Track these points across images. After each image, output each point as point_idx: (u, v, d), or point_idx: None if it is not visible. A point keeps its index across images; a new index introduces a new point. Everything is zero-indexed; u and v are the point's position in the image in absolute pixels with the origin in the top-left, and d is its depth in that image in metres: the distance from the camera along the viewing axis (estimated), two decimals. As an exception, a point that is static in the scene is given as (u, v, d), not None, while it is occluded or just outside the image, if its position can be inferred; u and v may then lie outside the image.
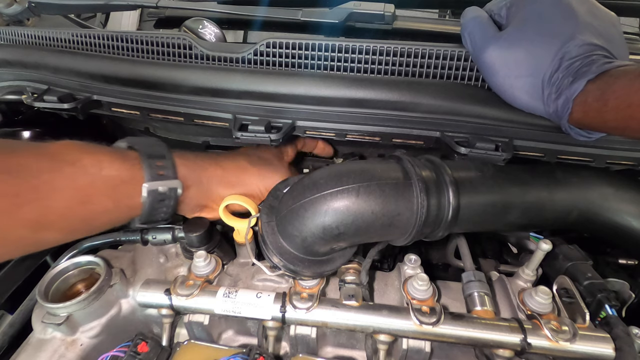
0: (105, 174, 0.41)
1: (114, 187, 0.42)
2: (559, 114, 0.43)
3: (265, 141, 0.50)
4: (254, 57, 0.53)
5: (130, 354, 0.47)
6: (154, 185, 0.44)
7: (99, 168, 0.41)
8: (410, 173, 0.45)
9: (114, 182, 0.42)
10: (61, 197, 0.38)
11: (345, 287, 0.51)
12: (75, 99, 0.57)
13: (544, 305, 0.48)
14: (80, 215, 0.40)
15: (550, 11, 0.44)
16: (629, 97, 0.36)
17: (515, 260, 0.68)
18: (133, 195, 0.43)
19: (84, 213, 0.40)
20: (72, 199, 0.39)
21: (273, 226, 0.49)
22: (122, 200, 0.43)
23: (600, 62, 0.39)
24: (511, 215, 0.49)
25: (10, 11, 0.79)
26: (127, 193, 0.43)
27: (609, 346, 0.45)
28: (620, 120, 0.38)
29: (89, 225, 0.43)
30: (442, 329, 0.47)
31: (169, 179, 0.46)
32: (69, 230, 0.41)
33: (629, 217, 0.50)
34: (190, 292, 0.51)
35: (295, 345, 0.53)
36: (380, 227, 0.44)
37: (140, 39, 0.57)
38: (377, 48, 0.51)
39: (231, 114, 0.53)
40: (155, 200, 0.45)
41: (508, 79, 0.45)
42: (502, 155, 0.47)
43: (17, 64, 0.62)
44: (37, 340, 0.50)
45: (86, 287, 0.53)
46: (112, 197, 0.42)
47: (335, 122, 0.52)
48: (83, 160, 0.40)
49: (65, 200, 0.38)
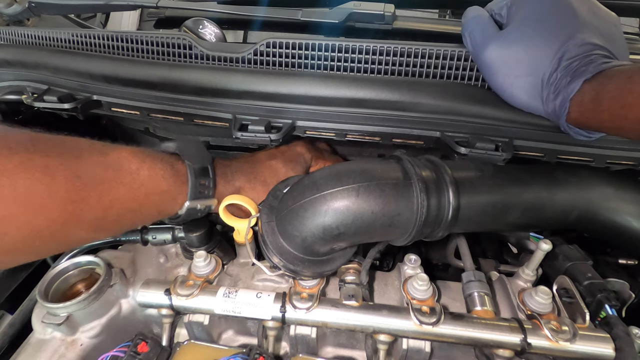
0: (158, 188, 0.44)
1: (162, 202, 0.45)
2: (557, 113, 0.43)
3: (265, 141, 0.50)
4: (254, 57, 0.53)
5: (130, 354, 0.47)
6: (193, 204, 0.48)
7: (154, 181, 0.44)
8: (410, 173, 0.45)
9: (164, 197, 0.45)
10: (119, 205, 0.40)
11: (345, 287, 0.51)
12: (75, 99, 0.57)
13: (544, 305, 0.48)
14: (131, 221, 0.44)
15: (550, 11, 0.44)
16: (622, 97, 0.36)
17: (515, 260, 0.68)
18: (175, 208, 0.47)
19: (133, 220, 0.44)
20: (128, 207, 0.42)
21: (273, 226, 0.49)
22: (165, 211, 0.47)
23: (598, 62, 0.39)
24: (511, 215, 0.49)
25: (10, 11, 0.79)
26: (171, 207, 0.47)
27: (609, 346, 0.45)
28: (614, 121, 0.38)
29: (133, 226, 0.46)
30: (442, 329, 0.47)
31: (207, 198, 0.49)
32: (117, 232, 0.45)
33: (629, 217, 0.50)
34: (190, 292, 0.51)
35: (295, 345, 0.53)
36: (380, 227, 0.44)
37: (140, 39, 0.57)
38: (377, 48, 0.51)
39: (231, 114, 0.53)
40: (190, 214, 0.49)
41: (508, 79, 0.46)
42: (502, 155, 0.47)
43: (17, 64, 0.62)
44: (37, 340, 0.50)
45: (86, 287, 0.53)
46: (158, 209, 0.45)
47: (335, 122, 0.52)
48: (141, 171, 0.43)
49: (121, 208, 0.41)
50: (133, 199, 0.41)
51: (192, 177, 0.47)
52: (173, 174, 0.46)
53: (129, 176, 0.41)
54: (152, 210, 0.45)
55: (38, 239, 0.34)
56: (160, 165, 0.45)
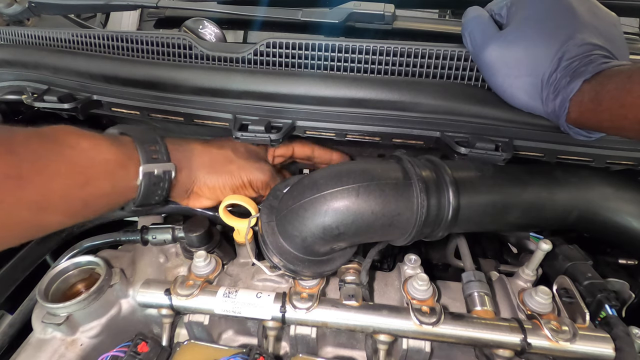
0: (103, 157, 0.42)
1: (111, 171, 0.43)
2: (556, 113, 0.43)
3: (265, 141, 0.50)
4: (254, 57, 0.53)
5: (130, 354, 0.47)
6: (149, 168, 0.45)
7: (97, 152, 0.42)
8: (410, 173, 0.45)
9: (112, 165, 0.43)
10: (62, 179, 0.38)
11: (345, 287, 0.51)
12: (75, 99, 0.57)
13: (544, 305, 0.48)
14: (80, 197, 0.41)
15: (550, 11, 0.44)
16: (621, 97, 0.36)
17: (515, 260, 0.68)
18: (130, 178, 0.45)
19: (83, 195, 0.41)
20: (73, 181, 0.40)
21: (273, 226, 0.49)
22: (119, 182, 0.44)
23: (597, 62, 0.39)
24: (511, 215, 0.49)
25: (10, 11, 0.79)
26: (124, 176, 0.44)
27: (609, 346, 0.45)
28: (614, 121, 0.38)
29: (88, 208, 0.43)
30: (442, 329, 0.47)
31: (163, 162, 0.47)
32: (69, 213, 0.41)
33: (629, 217, 0.50)
34: (190, 292, 0.51)
35: (295, 345, 0.53)
36: (380, 227, 0.44)
37: (140, 39, 0.57)
38: (377, 48, 0.51)
39: (231, 114, 0.53)
40: (150, 183, 0.46)
41: (508, 79, 0.45)
42: (502, 155, 0.47)
43: (17, 64, 0.62)
44: (37, 340, 0.50)
45: (86, 287, 0.53)
46: (110, 180, 0.43)
47: (335, 122, 0.52)
48: (82, 143, 0.41)
49: (65, 183, 0.39)
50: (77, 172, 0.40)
51: (139, 142, 0.46)
52: (118, 143, 0.45)
53: (69, 149, 0.40)
54: (104, 183, 0.42)
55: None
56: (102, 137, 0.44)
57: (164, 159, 0.47)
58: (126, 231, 0.61)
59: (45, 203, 0.38)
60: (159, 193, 0.48)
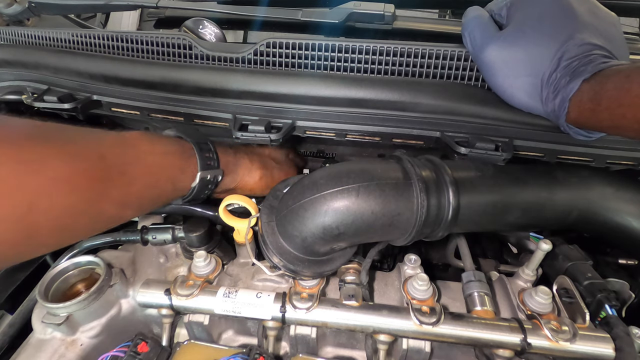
0: (169, 162, 0.48)
1: (175, 174, 0.49)
2: (556, 113, 0.43)
3: (265, 141, 0.50)
4: (254, 57, 0.53)
5: (130, 354, 0.47)
6: (204, 174, 0.51)
7: (165, 157, 0.48)
8: (410, 173, 0.45)
9: (176, 170, 0.49)
10: (139, 181, 0.44)
11: (345, 287, 0.51)
12: (75, 99, 0.57)
13: (544, 305, 0.48)
14: (150, 196, 0.47)
15: (549, 11, 0.44)
16: (620, 96, 0.36)
17: (515, 260, 0.68)
18: (187, 181, 0.51)
19: (152, 195, 0.47)
20: (146, 182, 0.45)
21: (273, 226, 0.49)
22: (179, 184, 0.50)
23: (597, 62, 0.39)
24: (511, 215, 0.49)
25: (10, 11, 0.79)
26: (184, 179, 0.50)
27: (609, 346, 0.45)
28: (613, 120, 0.38)
29: (154, 204, 0.50)
30: (442, 329, 0.47)
31: (215, 169, 0.53)
32: (140, 209, 0.49)
33: (629, 217, 0.50)
34: (190, 292, 0.51)
35: (295, 345, 0.53)
36: (380, 227, 0.44)
37: (140, 39, 0.57)
38: (377, 48, 0.51)
39: (231, 114, 0.53)
40: (202, 185, 0.52)
41: (507, 79, 0.45)
42: (502, 155, 0.47)
43: (17, 64, 0.62)
44: (37, 340, 0.50)
45: (86, 287, 0.53)
46: (172, 182, 0.49)
47: (335, 122, 0.52)
48: (155, 149, 0.47)
49: (141, 184, 0.45)
50: (150, 175, 0.46)
51: (198, 150, 0.51)
52: (180, 149, 0.50)
53: (144, 155, 0.45)
54: (168, 185, 0.48)
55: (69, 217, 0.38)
56: (168, 143, 0.50)
57: (215, 165, 0.53)
58: (126, 231, 0.61)
59: (126, 201, 0.44)
60: (206, 192, 0.54)
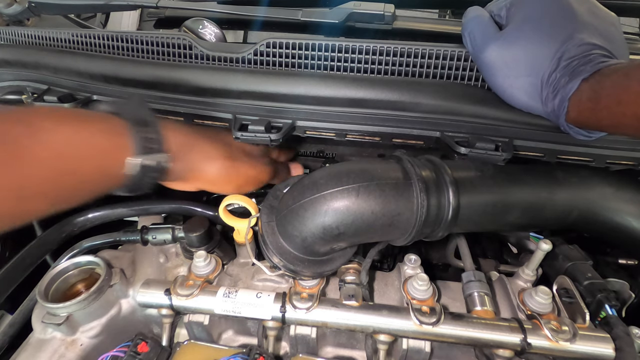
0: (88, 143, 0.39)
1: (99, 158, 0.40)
2: (556, 113, 0.43)
3: (265, 141, 0.50)
4: (254, 57, 0.53)
5: (130, 354, 0.47)
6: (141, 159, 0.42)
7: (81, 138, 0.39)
8: (410, 173, 0.45)
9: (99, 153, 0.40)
10: (44, 166, 0.36)
11: (345, 287, 0.51)
12: (75, 99, 0.57)
13: (544, 305, 0.48)
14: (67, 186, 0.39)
15: (549, 11, 0.44)
16: (619, 94, 0.36)
17: (515, 260, 0.68)
18: (118, 166, 0.41)
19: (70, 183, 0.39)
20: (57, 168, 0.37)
21: (273, 226, 0.49)
22: (108, 170, 0.41)
23: (596, 61, 0.39)
24: (511, 215, 0.49)
25: (10, 11, 0.79)
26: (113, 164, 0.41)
27: (609, 346, 0.45)
28: (612, 118, 0.38)
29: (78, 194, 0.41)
30: (442, 329, 0.47)
31: (157, 152, 0.43)
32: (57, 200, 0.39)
33: (629, 217, 0.50)
34: (190, 292, 0.51)
35: (295, 345, 0.53)
36: (380, 227, 0.44)
37: (140, 39, 0.57)
38: (377, 48, 0.51)
39: (231, 114, 0.53)
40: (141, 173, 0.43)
41: (507, 79, 0.46)
42: (502, 155, 0.47)
43: (17, 64, 0.62)
44: (37, 340, 0.50)
45: (86, 287, 0.53)
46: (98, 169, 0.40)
47: (335, 122, 0.52)
48: (61, 127, 0.38)
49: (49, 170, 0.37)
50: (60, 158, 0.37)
51: (134, 129, 0.42)
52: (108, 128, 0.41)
53: (46, 133, 0.36)
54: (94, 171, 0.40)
55: None
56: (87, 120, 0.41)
57: (158, 149, 0.43)
58: (126, 231, 0.61)
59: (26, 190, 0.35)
60: (149, 182, 0.45)
